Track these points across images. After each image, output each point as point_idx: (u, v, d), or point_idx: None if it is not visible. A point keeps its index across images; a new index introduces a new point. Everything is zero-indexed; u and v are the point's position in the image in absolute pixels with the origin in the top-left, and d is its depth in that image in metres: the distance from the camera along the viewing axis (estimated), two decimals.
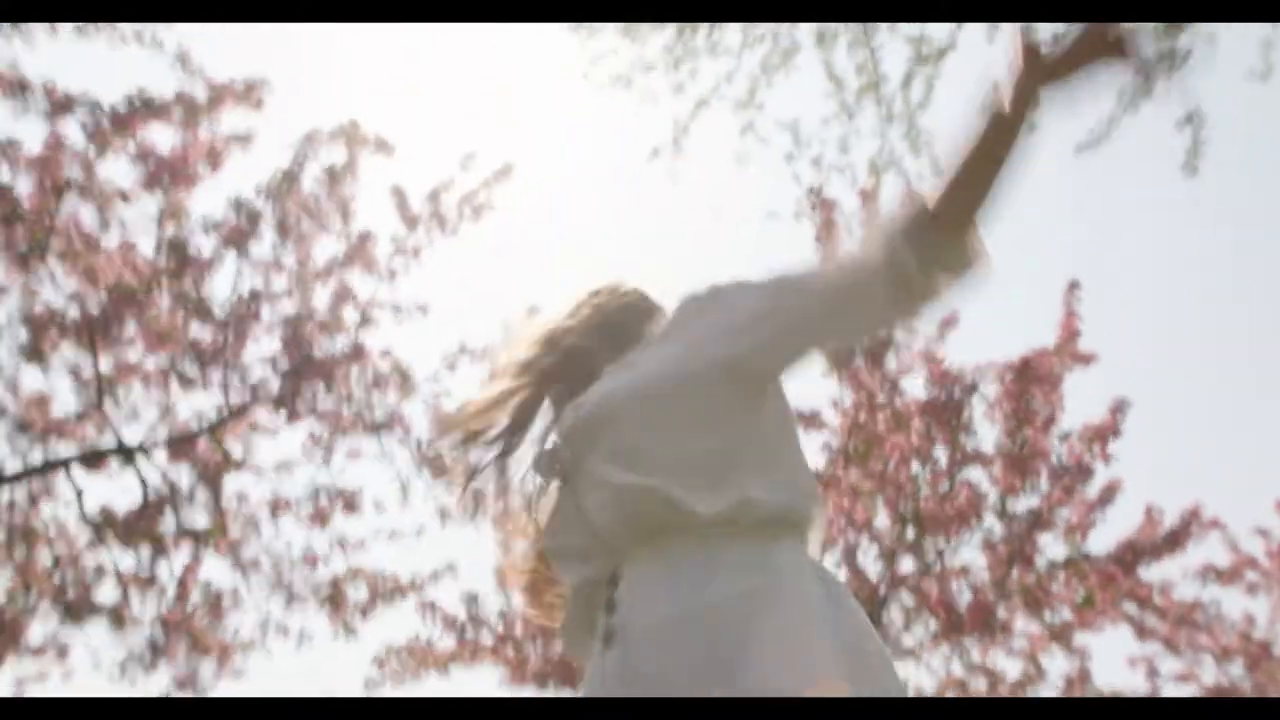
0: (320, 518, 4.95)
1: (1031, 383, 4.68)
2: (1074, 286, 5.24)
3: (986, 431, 5.11)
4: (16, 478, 4.18)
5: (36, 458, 4.19)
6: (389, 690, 4.79)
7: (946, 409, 4.77)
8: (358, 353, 4.97)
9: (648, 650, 1.01)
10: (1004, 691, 4.85)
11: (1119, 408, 4.75)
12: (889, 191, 4.12)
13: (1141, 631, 6.26)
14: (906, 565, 4.31)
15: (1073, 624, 5.31)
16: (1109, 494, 5.04)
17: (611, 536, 1.09)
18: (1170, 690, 6.38)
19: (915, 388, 5.01)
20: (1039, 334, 4.88)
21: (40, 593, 4.84)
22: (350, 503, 4.79)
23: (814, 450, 4.85)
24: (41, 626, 5.01)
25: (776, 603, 1.01)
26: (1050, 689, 5.49)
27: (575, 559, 1.15)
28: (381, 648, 4.89)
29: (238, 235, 4.20)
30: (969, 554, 4.47)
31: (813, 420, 4.94)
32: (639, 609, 1.03)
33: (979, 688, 4.81)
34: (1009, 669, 4.86)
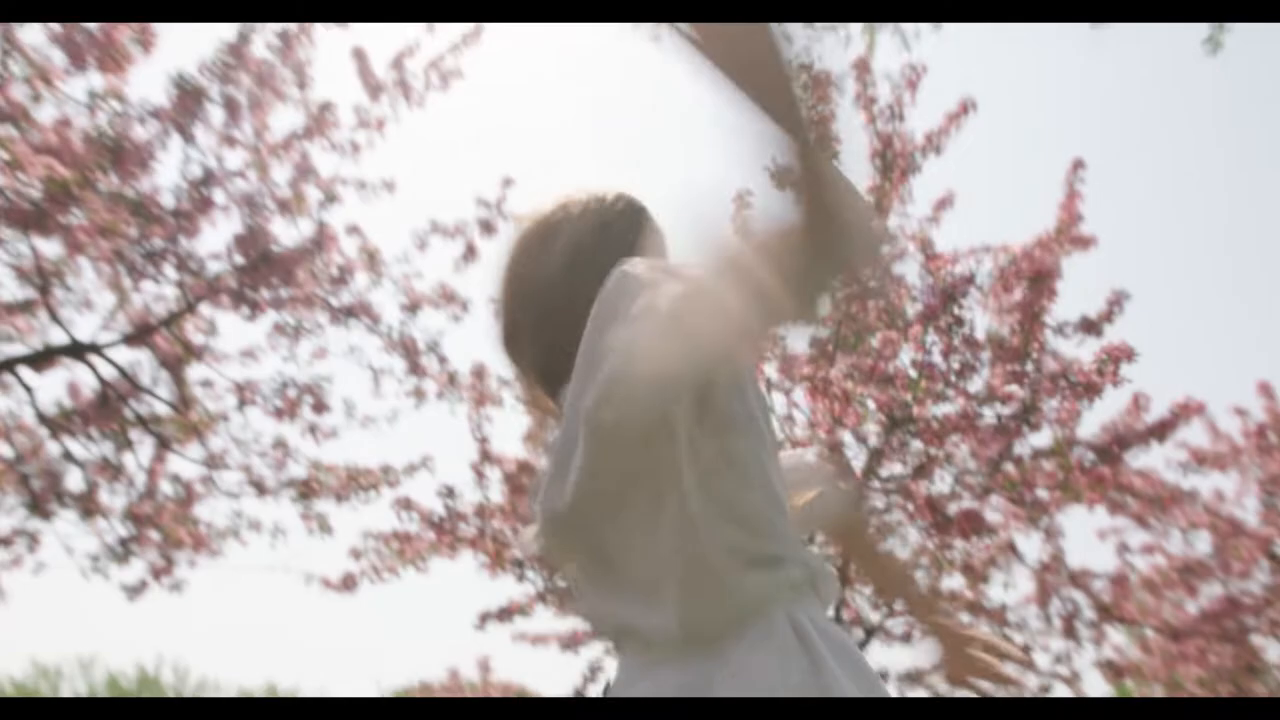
0: (289, 411, 4.79)
1: (1029, 273, 4.49)
2: (1078, 166, 5.00)
3: (980, 320, 4.96)
4: None
5: None
6: (366, 586, 4.76)
7: (941, 299, 4.59)
8: (321, 238, 4.69)
9: None
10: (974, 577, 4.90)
11: (1117, 299, 4.60)
12: None
13: (1115, 508, 6.36)
14: (895, 468, 4.24)
15: (1049, 504, 5.32)
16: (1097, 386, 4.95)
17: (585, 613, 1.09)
18: (1139, 563, 6.53)
19: (910, 275, 4.82)
20: (1034, 224, 4.66)
21: (3, 486, 4.71)
22: (320, 403, 4.62)
23: (800, 339, 4.70)
24: (7, 520, 4.92)
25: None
26: (1024, 573, 5.57)
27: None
28: (359, 540, 4.83)
29: (183, 114, 3.85)
30: (959, 456, 4.40)
31: None
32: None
33: (955, 585, 4.87)
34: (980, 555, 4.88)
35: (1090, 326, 4.52)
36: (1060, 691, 5.90)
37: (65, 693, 43.77)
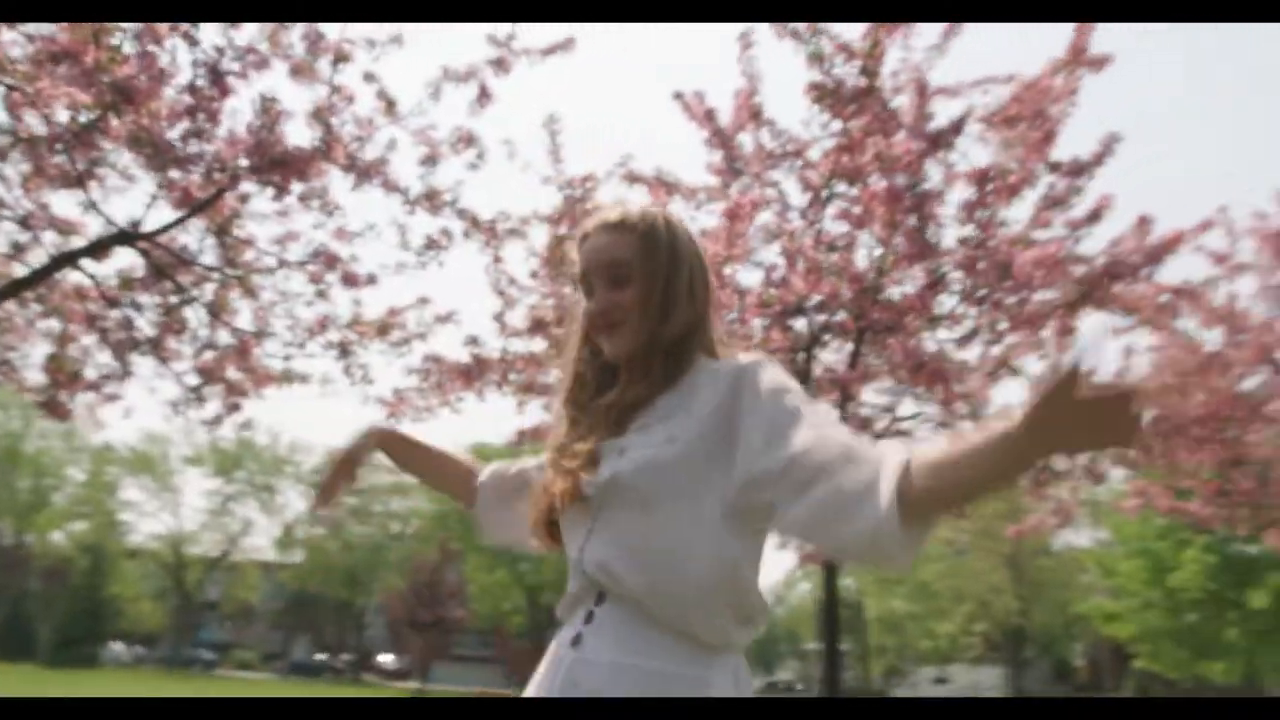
0: (327, 266, 5.17)
1: (1027, 106, 4.52)
2: None
3: (980, 154, 5.04)
4: (35, 278, 4.41)
5: (41, 256, 4.40)
6: (407, 424, 5.33)
7: (935, 140, 4.67)
8: (334, 100, 4.88)
9: (593, 680, 1.30)
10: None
11: (1110, 141, 4.62)
12: None
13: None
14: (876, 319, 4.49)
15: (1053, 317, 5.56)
16: (1099, 212, 5.06)
17: (595, 571, 1.35)
18: (1141, 367, 6.78)
19: (905, 112, 4.87)
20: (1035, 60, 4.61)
21: (83, 349, 5.27)
22: (350, 277, 4.99)
23: (793, 186, 4.86)
24: (96, 370, 5.51)
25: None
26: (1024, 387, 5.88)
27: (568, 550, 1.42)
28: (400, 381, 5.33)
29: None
30: (947, 301, 4.63)
31: (798, 154, 4.89)
32: (606, 647, 1.32)
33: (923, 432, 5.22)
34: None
35: (1080, 169, 4.60)
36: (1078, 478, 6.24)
37: (173, 457, 47.84)
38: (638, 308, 1.41)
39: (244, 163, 4.09)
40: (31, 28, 4.01)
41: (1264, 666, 16.49)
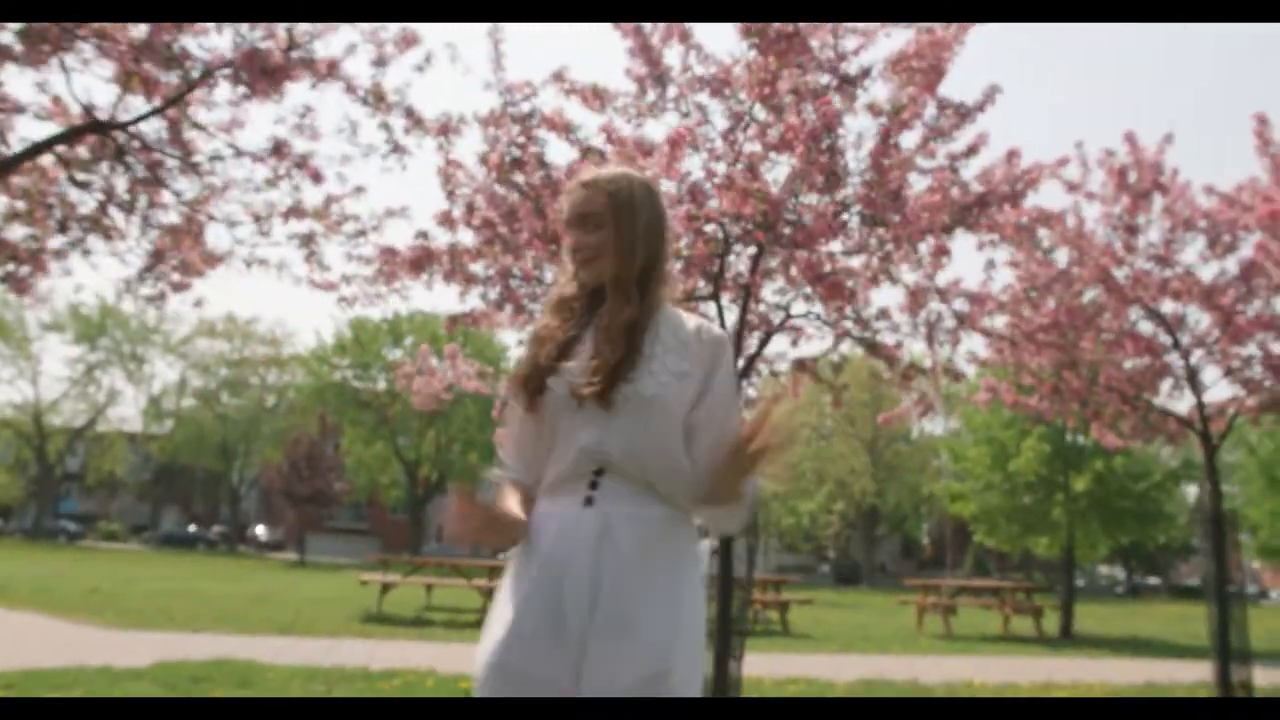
0: (279, 156, 5.48)
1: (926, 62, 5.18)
2: None
3: (880, 91, 5.71)
4: (15, 160, 4.61)
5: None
6: (359, 308, 5.78)
7: (846, 79, 5.30)
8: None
9: (622, 526, 1.82)
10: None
11: (991, 91, 5.37)
12: None
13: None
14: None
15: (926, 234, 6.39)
16: (976, 147, 5.83)
17: (620, 457, 1.84)
18: (1001, 279, 7.75)
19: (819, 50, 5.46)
20: None
21: (36, 219, 5.46)
22: (314, 172, 5.33)
23: (718, 114, 5.43)
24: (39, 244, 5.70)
25: (681, 541, 1.89)
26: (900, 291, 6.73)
27: (575, 437, 1.86)
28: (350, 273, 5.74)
29: None
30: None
31: (723, 83, 5.44)
32: (621, 504, 1.84)
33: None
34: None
35: (964, 114, 5.34)
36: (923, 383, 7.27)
37: (31, 322, 45.48)
38: (606, 246, 1.91)
39: (226, 71, 4.37)
40: None
41: (1080, 541, 18.70)
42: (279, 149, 5.50)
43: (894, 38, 5.67)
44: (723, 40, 5.49)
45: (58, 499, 53.98)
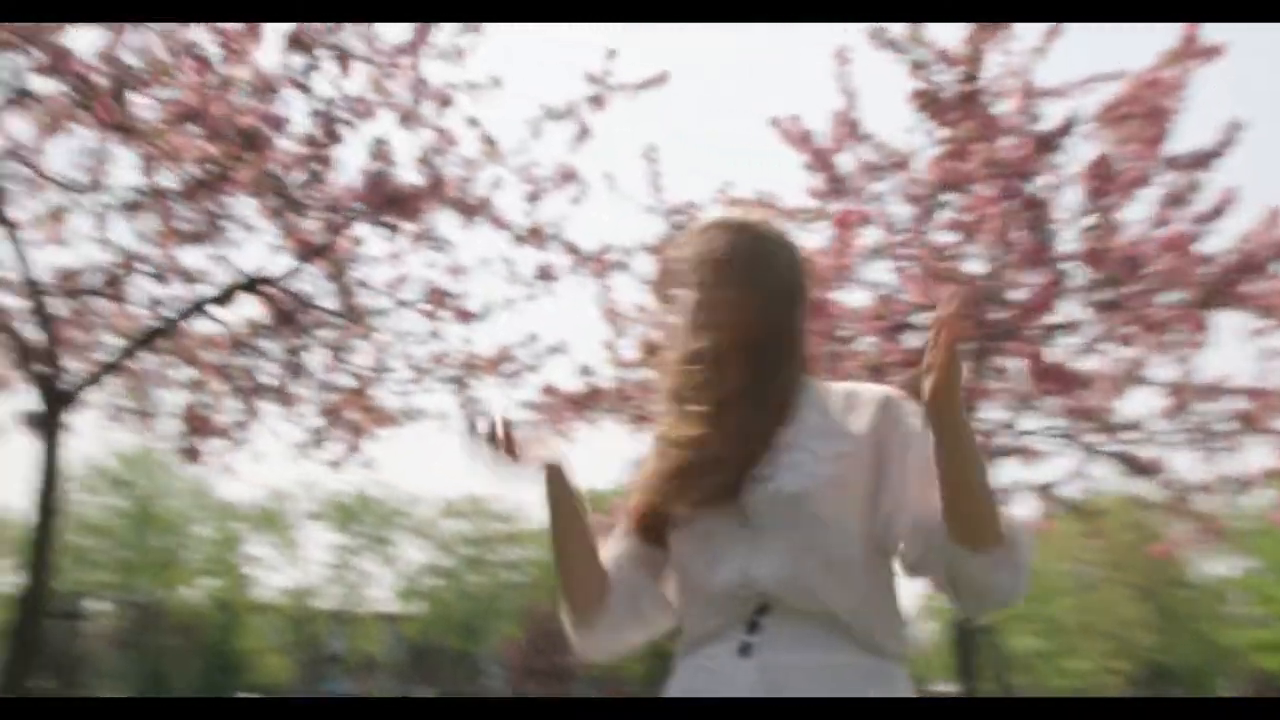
0: (437, 304, 5.34)
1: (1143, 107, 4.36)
2: None
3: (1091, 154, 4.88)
4: (168, 326, 4.69)
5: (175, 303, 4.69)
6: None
7: (1043, 142, 4.55)
8: (441, 143, 5.07)
9: (794, 680, 1.33)
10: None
11: (1232, 129, 4.42)
12: None
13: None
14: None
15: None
16: (1222, 207, 4.83)
17: (777, 586, 1.37)
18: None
19: (1009, 116, 4.76)
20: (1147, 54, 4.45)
21: (215, 392, 5.54)
22: (463, 313, 5.15)
23: (897, 201, 4.79)
24: (224, 416, 5.78)
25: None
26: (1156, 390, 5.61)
27: (712, 572, 1.41)
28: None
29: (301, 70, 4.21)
30: (1065, 307, 4.46)
31: (900, 165, 4.83)
32: (791, 650, 1.35)
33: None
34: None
35: (1199, 161, 4.41)
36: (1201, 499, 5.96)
37: (297, 511, 49.63)
38: (735, 301, 1.46)
39: (358, 206, 4.27)
40: (164, 93, 4.30)
41: None
42: (436, 295, 5.35)
43: (1098, 93, 4.88)
44: (893, 120, 4.92)
45: (323, 680, 56.84)
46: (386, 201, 4.20)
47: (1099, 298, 4.38)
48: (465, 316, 5.62)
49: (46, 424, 4.19)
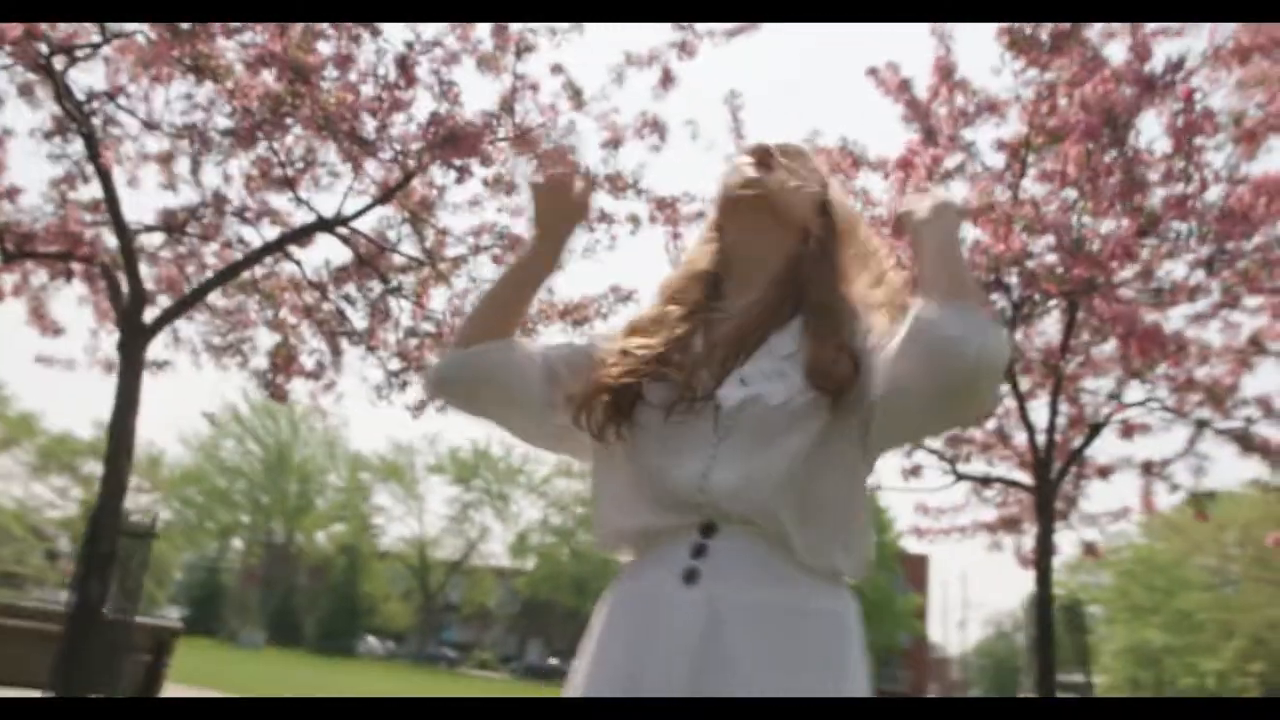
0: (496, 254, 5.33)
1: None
2: None
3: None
4: (247, 262, 4.82)
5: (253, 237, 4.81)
6: None
7: (1150, 83, 4.16)
8: (517, 90, 5.03)
9: (738, 621, 1.21)
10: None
11: None
12: None
13: None
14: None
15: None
16: None
17: (724, 498, 1.25)
18: None
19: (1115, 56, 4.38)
20: None
21: (298, 335, 5.70)
22: (515, 244, 5.12)
23: (986, 143, 4.49)
24: (311, 358, 5.95)
25: (829, 643, 1.24)
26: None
27: (679, 477, 1.28)
28: None
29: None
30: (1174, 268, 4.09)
31: (993, 109, 4.52)
32: (738, 583, 1.23)
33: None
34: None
35: None
36: None
37: (419, 465, 51.45)
38: (805, 186, 1.40)
39: (416, 146, 4.28)
40: (246, 36, 4.39)
41: None
42: (510, 239, 5.34)
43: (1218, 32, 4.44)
44: (989, 64, 4.60)
45: (440, 627, 59.01)
46: (445, 140, 4.18)
47: (1202, 254, 3.99)
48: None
49: (127, 354, 4.37)
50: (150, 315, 4.53)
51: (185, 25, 3.96)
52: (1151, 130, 4.13)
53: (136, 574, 4.12)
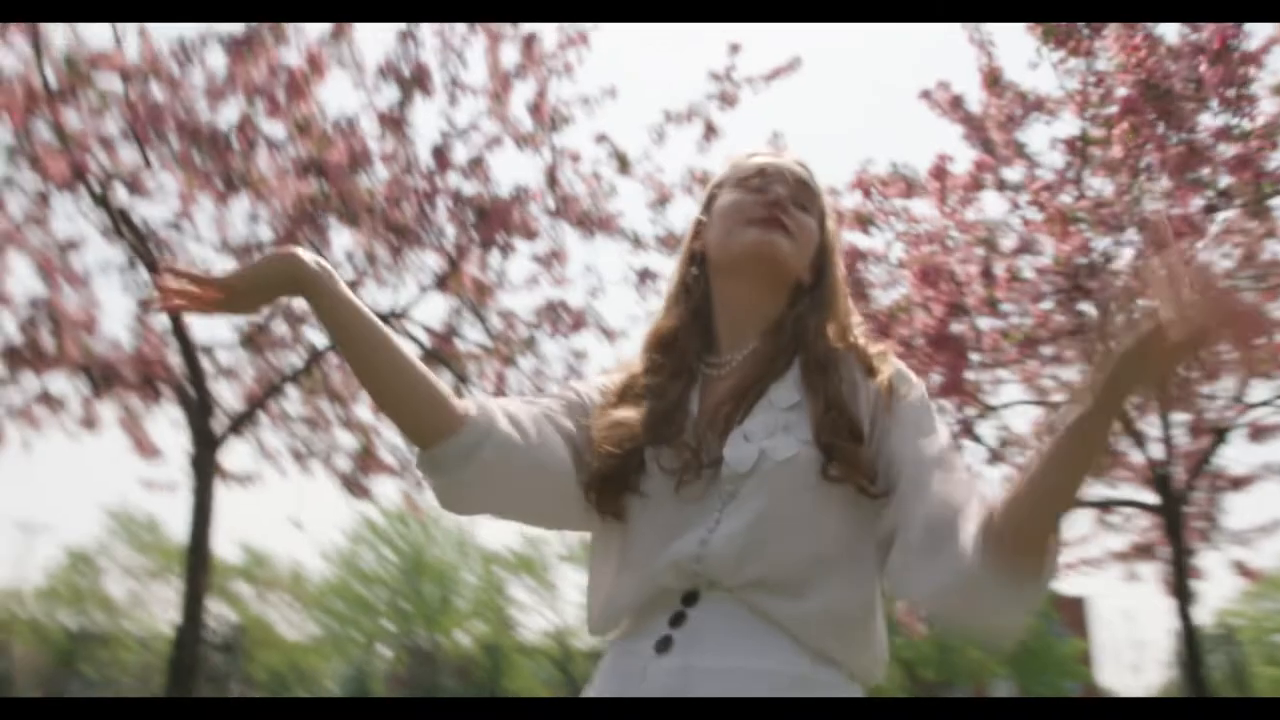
0: (574, 326, 5.30)
1: None
2: None
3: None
4: (308, 367, 4.92)
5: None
6: None
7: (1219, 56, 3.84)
8: (558, 160, 5.06)
9: (712, 688, 1.10)
10: None
11: None
12: None
13: None
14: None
15: None
16: None
17: (718, 564, 1.16)
18: None
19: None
20: None
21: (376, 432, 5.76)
22: (578, 320, 5.08)
23: (1040, 141, 4.23)
24: (391, 455, 6.00)
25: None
26: None
27: (669, 541, 1.19)
28: None
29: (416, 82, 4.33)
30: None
31: (1039, 106, 4.28)
32: (708, 646, 1.14)
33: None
34: None
35: None
36: None
37: (548, 555, 51.81)
38: (811, 237, 1.30)
39: (449, 229, 4.31)
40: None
41: None
42: (573, 317, 5.31)
43: None
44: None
45: None
46: (478, 218, 4.19)
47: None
48: (609, 335, 5.56)
49: (199, 467, 4.47)
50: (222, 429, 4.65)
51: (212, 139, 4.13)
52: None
53: (222, 683, 4.12)
